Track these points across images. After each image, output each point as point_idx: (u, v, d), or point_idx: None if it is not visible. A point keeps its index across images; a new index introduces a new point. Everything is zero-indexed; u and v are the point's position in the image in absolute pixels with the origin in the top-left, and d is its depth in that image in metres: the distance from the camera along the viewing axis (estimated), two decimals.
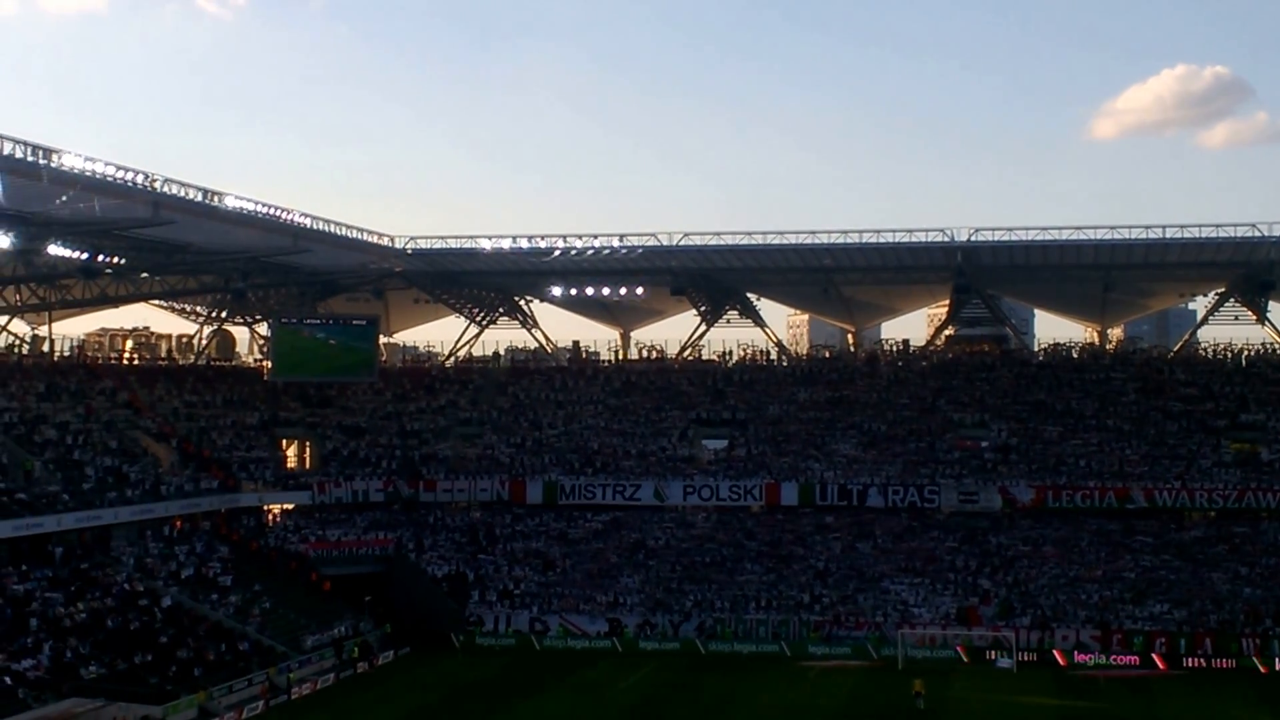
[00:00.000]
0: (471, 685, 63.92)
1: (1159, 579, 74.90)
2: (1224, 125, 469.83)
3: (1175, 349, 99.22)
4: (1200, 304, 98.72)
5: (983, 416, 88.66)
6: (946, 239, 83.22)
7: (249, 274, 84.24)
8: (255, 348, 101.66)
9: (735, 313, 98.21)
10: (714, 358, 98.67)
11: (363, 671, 67.29)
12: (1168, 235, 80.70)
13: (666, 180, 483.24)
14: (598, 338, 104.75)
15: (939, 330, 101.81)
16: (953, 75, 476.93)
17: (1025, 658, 68.48)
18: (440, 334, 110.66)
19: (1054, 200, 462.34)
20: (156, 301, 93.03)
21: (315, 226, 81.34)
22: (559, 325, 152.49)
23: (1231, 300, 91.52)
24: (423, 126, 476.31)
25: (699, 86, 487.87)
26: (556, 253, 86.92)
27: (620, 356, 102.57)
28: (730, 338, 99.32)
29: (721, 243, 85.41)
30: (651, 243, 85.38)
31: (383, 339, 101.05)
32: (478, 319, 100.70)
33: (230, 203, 74.01)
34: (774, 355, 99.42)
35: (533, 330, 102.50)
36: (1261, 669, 66.61)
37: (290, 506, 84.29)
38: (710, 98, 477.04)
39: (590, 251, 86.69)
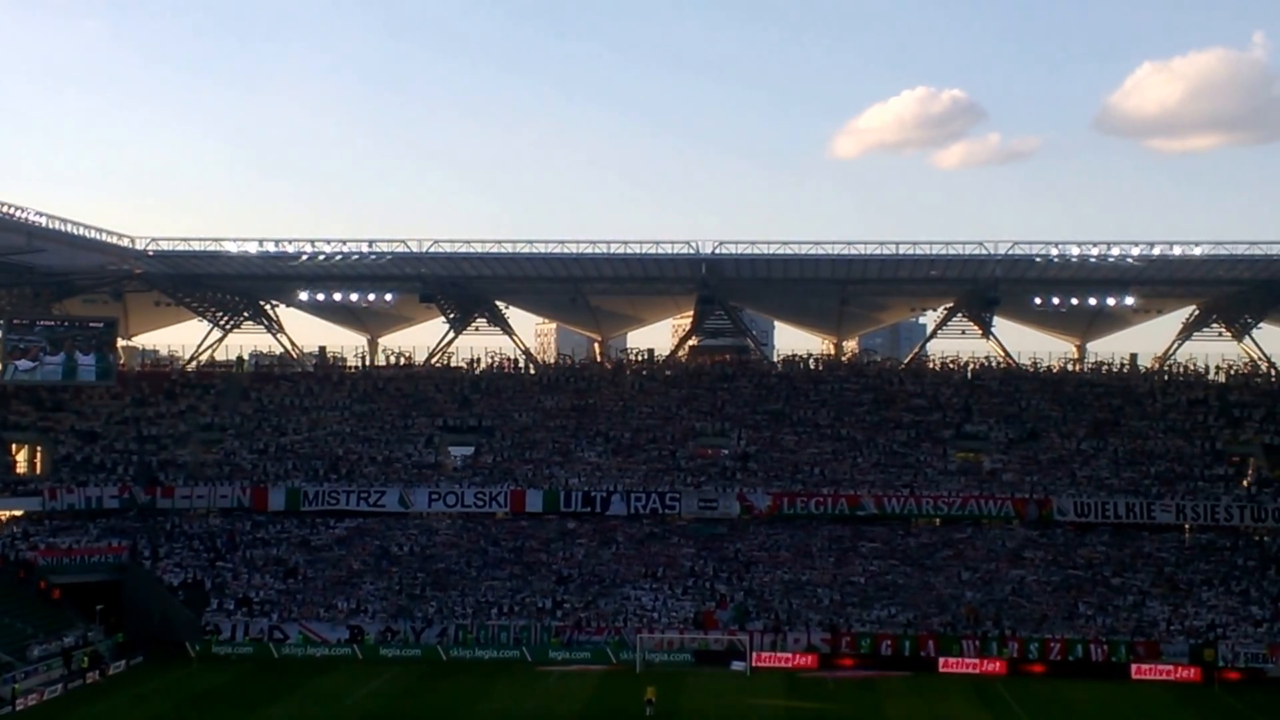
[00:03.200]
0: (206, 694, 62.91)
1: (886, 583, 78.00)
2: (959, 146, 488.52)
3: (906, 361, 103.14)
4: (930, 318, 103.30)
5: (723, 425, 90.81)
6: (691, 251, 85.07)
7: None
8: None
9: (484, 320, 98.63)
10: (462, 365, 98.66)
11: (93, 682, 65.53)
12: (901, 252, 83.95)
13: (417, 188, 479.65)
14: (345, 344, 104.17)
15: (683, 340, 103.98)
16: (700, 91, 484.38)
17: (759, 660, 70.48)
18: (182, 337, 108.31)
19: (796, 215, 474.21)
20: None
21: (51, 226, 78.88)
22: (305, 330, 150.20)
23: (959, 315, 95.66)
24: (170, 128, 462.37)
25: (450, 96, 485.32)
26: (304, 257, 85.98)
27: (368, 363, 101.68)
28: (478, 345, 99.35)
29: (471, 251, 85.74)
30: (401, 249, 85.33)
31: (121, 342, 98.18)
32: (221, 323, 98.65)
33: None
34: (521, 363, 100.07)
35: (278, 335, 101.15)
36: (979, 670, 69.92)
37: (19, 513, 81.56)
38: (461, 106, 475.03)
39: (338, 257, 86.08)
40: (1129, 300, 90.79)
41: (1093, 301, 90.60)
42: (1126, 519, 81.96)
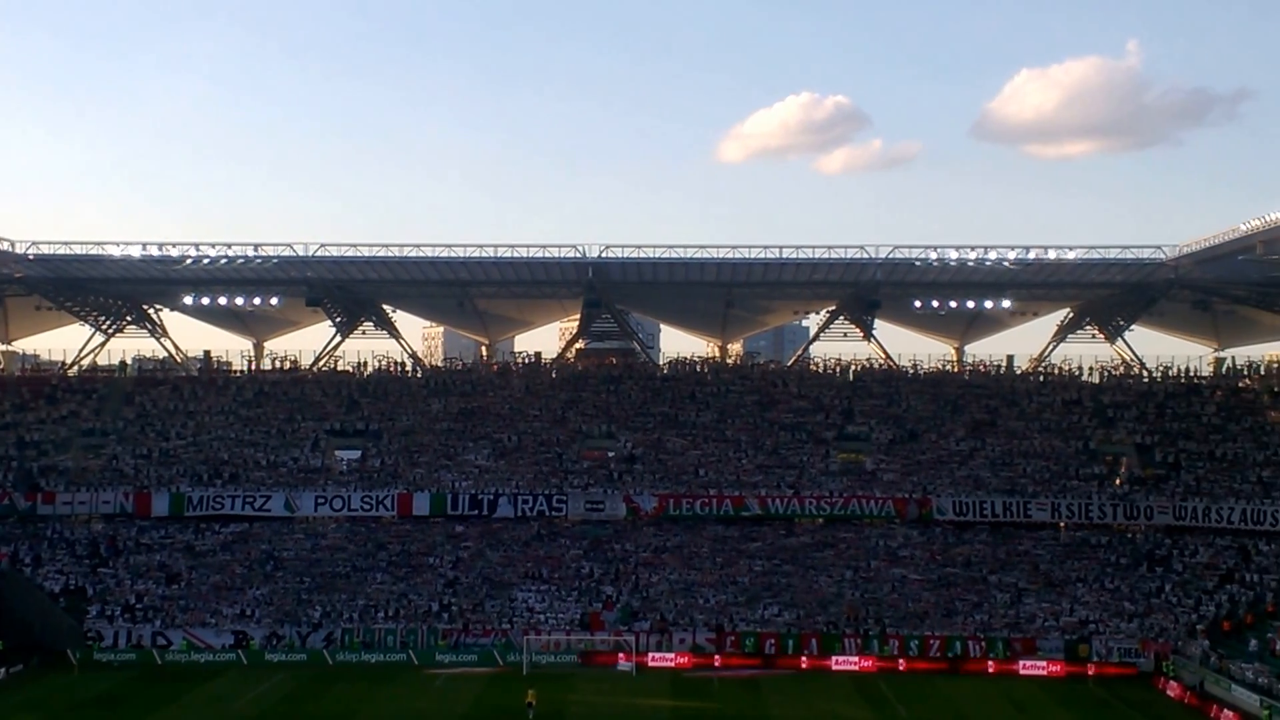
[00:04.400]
0: (88, 702, 62.37)
1: (771, 583, 79.15)
2: (842, 151, 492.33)
3: (789, 363, 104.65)
4: (813, 321, 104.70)
5: (610, 427, 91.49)
6: (578, 255, 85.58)
7: None
8: None
9: (370, 324, 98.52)
10: (349, 368, 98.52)
11: None
12: (784, 255, 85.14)
13: (303, 192, 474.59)
14: (230, 347, 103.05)
15: (570, 343, 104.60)
16: (587, 96, 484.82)
17: (646, 660, 71.31)
18: (63, 342, 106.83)
19: (682, 219, 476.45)
20: None
21: None
22: (190, 334, 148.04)
23: (841, 318, 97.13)
24: (51, 132, 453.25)
25: (337, 102, 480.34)
26: (188, 261, 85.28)
27: (253, 367, 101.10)
28: (365, 349, 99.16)
29: (357, 254, 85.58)
30: (287, 253, 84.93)
31: (1, 346, 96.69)
32: (104, 327, 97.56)
33: None
34: (408, 367, 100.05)
35: (162, 339, 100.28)
36: (860, 668, 71.26)
37: None
38: (349, 111, 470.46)
39: (224, 261, 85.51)
40: (1006, 303, 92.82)
41: (971, 304, 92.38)
42: (1004, 518, 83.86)
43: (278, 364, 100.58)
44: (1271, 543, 78.82)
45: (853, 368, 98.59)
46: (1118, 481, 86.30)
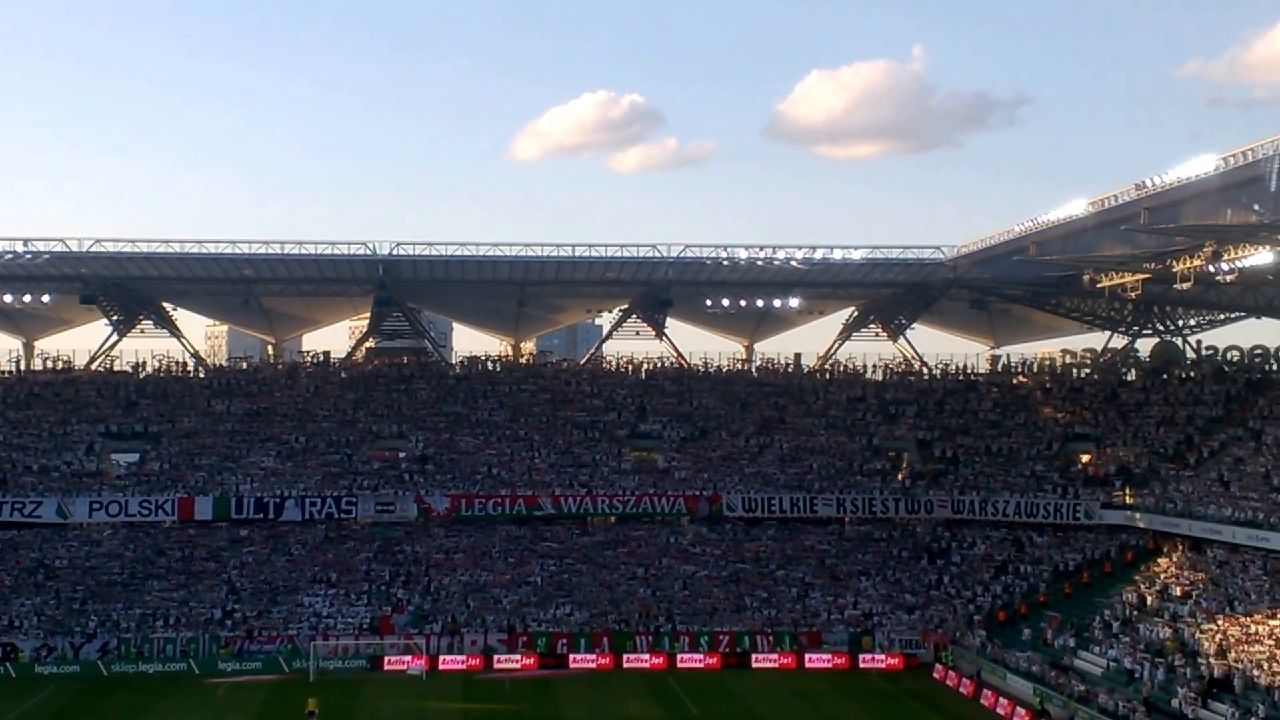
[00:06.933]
0: None
1: (563, 582, 78.94)
2: (637, 150, 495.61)
3: (582, 362, 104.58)
4: (606, 319, 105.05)
5: (401, 427, 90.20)
6: (368, 252, 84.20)
7: None
8: None
9: (149, 322, 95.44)
10: (126, 369, 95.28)
11: None
12: (577, 254, 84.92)
13: (77, 183, 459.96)
14: None
15: (360, 342, 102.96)
16: (380, 91, 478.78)
17: (437, 663, 70.52)
18: None
19: (475, 217, 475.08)
20: None
21: None
22: None
23: (634, 316, 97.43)
24: None
25: (120, 85, 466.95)
26: None
27: (23, 367, 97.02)
28: (144, 348, 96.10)
29: (135, 250, 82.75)
30: (59, 249, 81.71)
31: None
32: None
33: None
34: (190, 366, 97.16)
35: None
36: (651, 665, 71.51)
37: None
38: (138, 97, 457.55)
39: None
40: (794, 302, 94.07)
41: (760, 303, 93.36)
42: (791, 513, 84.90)
43: (49, 364, 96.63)
44: (1043, 534, 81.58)
45: (645, 366, 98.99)
46: (899, 476, 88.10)
